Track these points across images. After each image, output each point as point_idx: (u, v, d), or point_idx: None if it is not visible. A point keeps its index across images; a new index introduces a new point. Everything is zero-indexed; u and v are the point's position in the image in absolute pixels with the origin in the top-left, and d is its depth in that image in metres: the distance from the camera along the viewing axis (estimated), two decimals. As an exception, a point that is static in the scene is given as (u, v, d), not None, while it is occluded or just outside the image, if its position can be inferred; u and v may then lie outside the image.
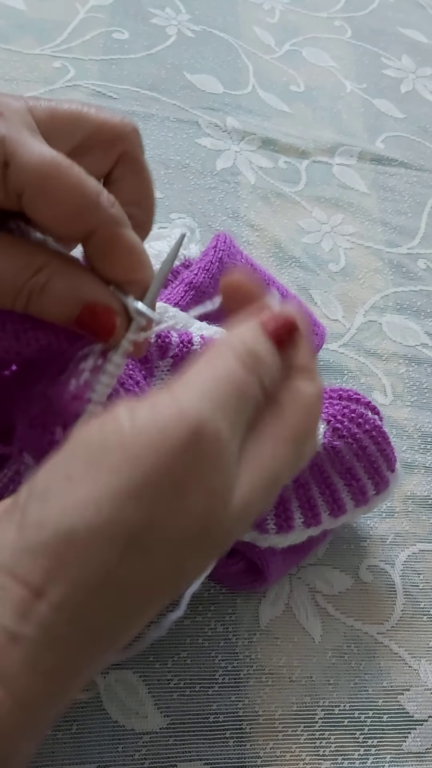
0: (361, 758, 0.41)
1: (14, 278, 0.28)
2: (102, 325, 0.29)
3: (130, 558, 0.22)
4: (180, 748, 0.39)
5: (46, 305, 0.28)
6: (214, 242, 0.47)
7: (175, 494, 0.23)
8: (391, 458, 0.43)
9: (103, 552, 0.22)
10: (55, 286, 0.28)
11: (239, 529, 0.25)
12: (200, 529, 0.23)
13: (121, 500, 0.22)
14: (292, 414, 0.26)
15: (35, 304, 0.28)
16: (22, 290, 0.28)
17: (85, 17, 0.72)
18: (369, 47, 0.81)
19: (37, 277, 0.28)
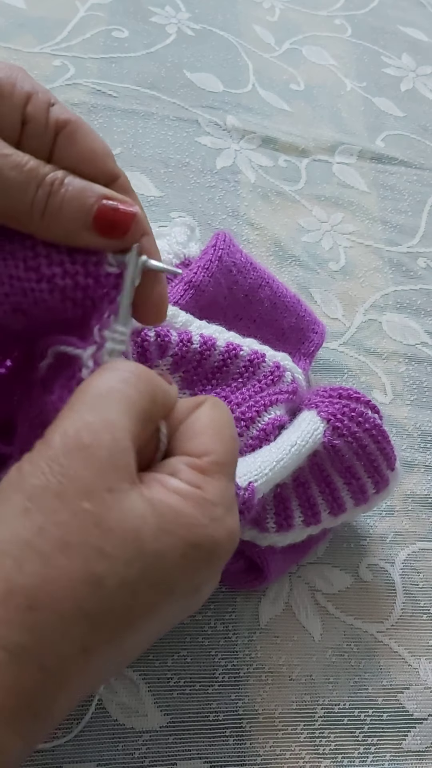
0: (361, 756, 0.41)
1: (36, 167, 0.28)
2: (122, 215, 0.29)
3: (30, 565, 0.23)
4: (180, 747, 0.39)
5: (66, 199, 0.28)
6: (213, 241, 0.47)
7: (57, 500, 0.24)
8: (391, 457, 0.43)
9: (3, 564, 0.23)
10: (73, 181, 0.29)
11: (175, 551, 0.25)
12: (96, 528, 0.24)
13: (10, 519, 0.24)
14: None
15: (55, 197, 0.28)
16: (44, 181, 0.28)
17: (85, 15, 0.71)
18: (369, 46, 0.81)
19: (55, 172, 0.29)
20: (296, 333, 0.50)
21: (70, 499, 0.24)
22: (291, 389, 0.43)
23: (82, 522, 0.24)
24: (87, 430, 0.25)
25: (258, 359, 0.42)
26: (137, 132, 0.64)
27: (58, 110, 0.29)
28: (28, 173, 0.28)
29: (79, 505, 0.24)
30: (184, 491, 0.26)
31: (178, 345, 0.41)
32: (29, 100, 0.29)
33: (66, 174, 0.29)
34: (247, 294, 0.48)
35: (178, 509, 0.26)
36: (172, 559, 0.25)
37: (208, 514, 0.26)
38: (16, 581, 0.23)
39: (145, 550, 0.24)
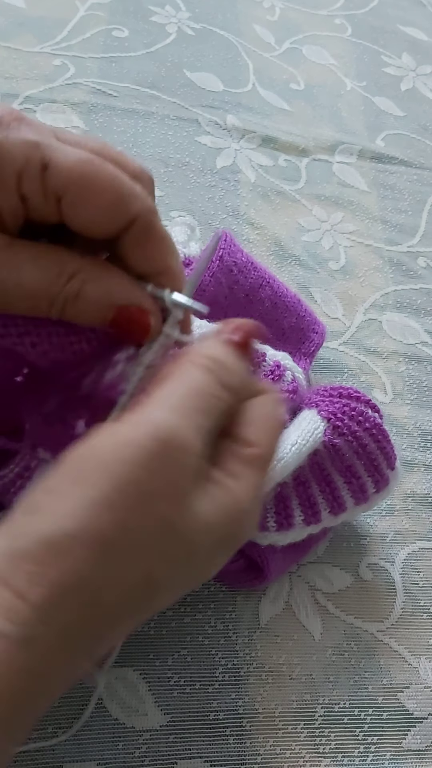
0: (361, 756, 0.41)
1: (48, 287, 0.28)
2: (137, 326, 0.29)
3: (104, 562, 0.24)
4: (180, 746, 0.39)
5: (81, 311, 0.29)
6: (214, 240, 0.47)
7: (143, 500, 0.25)
8: (391, 456, 0.43)
9: (79, 557, 0.23)
10: (88, 292, 0.29)
11: (211, 546, 0.26)
12: (164, 531, 0.25)
13: (94, 509, 0.24)
14: (259, 435, 0.29)
15: (70, 310, 0.29)
16: (57, 299, 0.28)
17: (85, 15, 0.71)
18: (369, 45, 0.81)
19: (71, 284, 0.28)
20: (296, 332, 0.50)
21: (154, 501, 0.25)
22: (291, 388, 0.43)
23: (158, 525, 0.25)
24: (189, 431, 0.26)
25: (258, 358, 0.42)
26: (137, 131, 0.64)
27: (55, 174, 0.27)
28: (39, 301, 0.28)
29: (156, 507, 0.25)
30: (238, 495, 0.27)
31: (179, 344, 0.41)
32: (21, 177, 0.27)
33: (83, 282, 0.28)
34: (248, 293, 0.48)
35: (228, 508, 0.27)
36: (210, 559, 0.27)
37: (242, 513, 0.27)
38: (89, 579, 0.24)
39: (196, 554, 0.26)
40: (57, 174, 0.27)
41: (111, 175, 0.28)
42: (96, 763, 0.37)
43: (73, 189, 0.27)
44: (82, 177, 0.27)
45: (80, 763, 0.37)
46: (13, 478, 0.33)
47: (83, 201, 0.28)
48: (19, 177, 0.27)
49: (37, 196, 0.28)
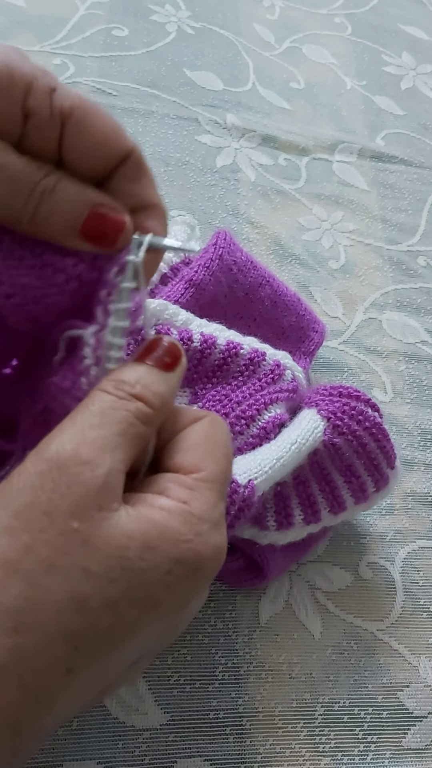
0: (361, 755, 0.41)
1: (30, 175, 0.28)
2: (111, 224, 0.29)
3: (15, 586, 0.23)
4: (180, 745, 0.39)
5: (56, 206, 0.28)
6: (213, 239, 0.47)
7: (44, 519, 0.24)
8: (391, 455, 0.43)
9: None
10: (65, 187, 0.28)
11: (162, 569, 0.25)
12: (83, 548, 0.24)
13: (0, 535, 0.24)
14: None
15: (45, 204, 0.28)
16: (34, 190, 0.28)
17: (85, 14, 0.71)
18: (369, 44, 0.80)
19: (48, 178, 0.28)
20: (296, 331, 0.50)
21: (58, 518, 0.24)
22: (291, 387, 0.43)
23: (69, 541, 0.24)
24: (87, 447, 0.25)
25: (258, 358, 0.42)
26: (137, 130, 0.64)
27: (62, 96, 0.28)
28: (19, 183, 0.27)
29: (68, 523, 0.24)
30: (169, 507, 0.26)
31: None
32: (29, 91, 0.27)
33: (59, 178, 0.28)
34: (248, 292, 0.48)
35: (163, 524, 0.26)
36: (156, 576, 0.25)
37: (194, 529, 0.26)
38: (1, 603, 0.23)
39: (129, 569, 0.24)
40: (65, 96, 0.28)
41: (108, 112, 0.29)
42: (96, 762, 0.38)
43: (79, 112, 0.28)
44: (85, 103, 0.28)
45: (80, 762, 0.37)
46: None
47: (88, 124, 0.28)
48: (27, 90, 0.27)
49: (43, 112, 0.27)
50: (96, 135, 0.28)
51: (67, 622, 0.23)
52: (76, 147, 0.28)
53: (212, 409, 0.40)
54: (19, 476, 0.25)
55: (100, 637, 0.24)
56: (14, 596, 0.23)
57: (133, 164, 0.30)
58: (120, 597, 0.24)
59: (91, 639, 0.24)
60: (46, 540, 0.24)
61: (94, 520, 0.24)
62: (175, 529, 0.26)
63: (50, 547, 0.24)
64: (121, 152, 0.29)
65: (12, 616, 0.23)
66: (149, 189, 0.31)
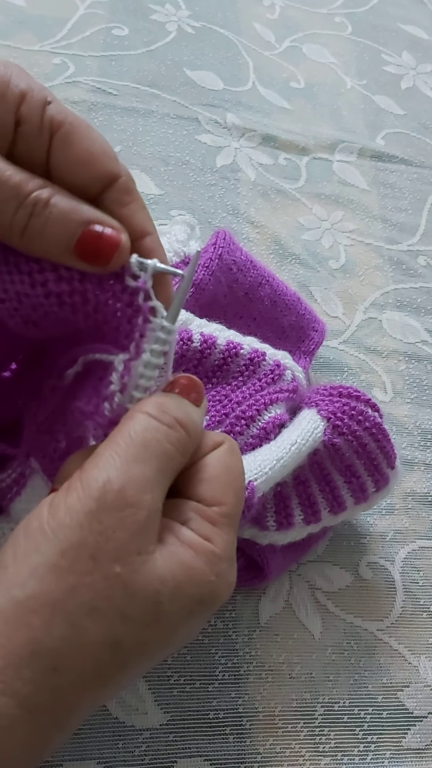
0: (361, 754, 0.41)
1: (21, 184, 0.27)
2: (106, 243, 0.28)
3: (58, 627, 0.24)
4: (180, 745, 0.39)
5: (49, 222, 0.27)
6: (213, 239, 0.47)
7: (90, 562, 0.24)
8: (391, 455, 0.43)
9: (30, 624, 0.23)
10: (59, 201, 0.27)
11: (182, 607, 0.26)
12: (124, 593, 0.24)
13: (41, 575, 0.24)
14: None
15: (37, 219, 0.27)
16: (27, 200, 0.27)
17: (85, 13, 0.71)
18: (369, 43, 0.80)
19: (41, 190, 0.27)
20: (296, 331, 0.50)
21: (103, 562, 0.24)
22: (291, 388, 0.43)
23: (111, 586, 0.24)
24: (132, 487, 0.25)
25: (258, 358, 0.42)
26: (137, 130, 0.64)
27: (55, 110, 0.28)
28: (8, 191, 0.27)
29: (112, 568, 0.24)
30: (196, 544, 0.27)
31: (179, 344, 0.41)
32: (23, 99, 0.27)
33: (53, 193, 0.27)
34: (248, 292, 0.48)
35: (191, 566, 0.26)
36: (180, 617, 0.26)
37: (216, 569, 0.27)
38: (44, 643, 0.23)
39: (161, 612, 0.25)
40: (58, 110, 0.28)
41: (101, 136, 0.29)
42: (96, 762, 0.38)
43: (69, 127, 0.28)
44: (77, 121, 0.28)
45: (80, 762, 0.37)
46: (10, 484, 0.33)
47: (75, 140, 0.28)
48: (21, 98, 0.27)
49: (33, 121, 0.27)
50: (82, 152, 0.28)
51: (101, 663, 0.24)
52: (61, 161, 0.28)
53: (212, 410, 0.40)
54: (67, 512, 0.25)
55: (127, 674, 0.25)
56: (56, 637, 0.23)
57: (120, 189, 0.29)
58: (150, 639, 0.25)
59: (119, 678, 0.25)
60: (90, 583, 0.24)
61: (134, 564, 0.25)
62: (200, 570, 0.26)
63: (93, 590, 0.24)
64: (107, 175, 0.29)
65: (53, 656, 0.23)
66: (139, 215, 0.30)
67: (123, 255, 0.28)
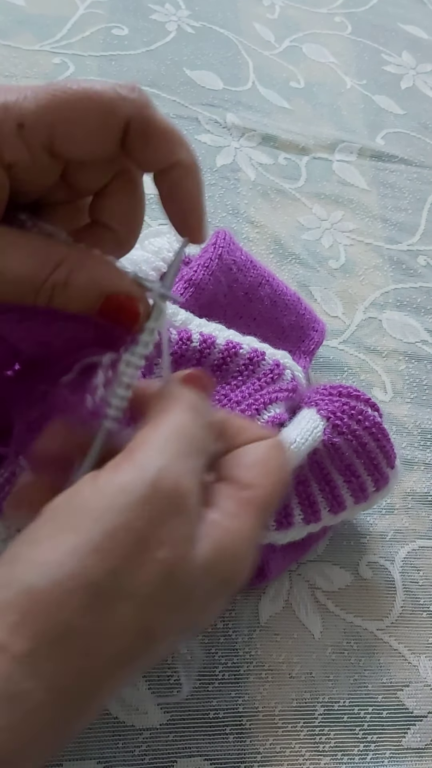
0: (361, 754, 0.41)
1: (34, 275, 0.27)
2: (126, 313, 0.29)
3: (93, 609, 0.23)
4: (180, 744, 0.39)
5: (70, 299, 0.28)
6: (213, 239, 0.47)
7: (137, 546, 0.23)
8: (391, 455, 0.43)
9: (66, 605, 0.22)
10: (77, 280, 0.28)
11: (208, 589, 0.25)
12: (164, 579, 0.24)
13: (82, 555, 0.23)
14: (258, 478, 0.28)
15: (59, 298, 0.28)
16: (44, 286, 0.27)
17: (85, 13, 0.71)
18: (369, 43, 0.80)
19: (58, 272, 0.28)
20: (296, 331, 0.50)
21: (148, 547, 0.24)
22: (291, 387, 0.43)
23: (152, 572, 0.24)
24: (186, 479, 0.25)
25: (258, 357, 0.42)
26: (137, 130, 0.64)
27: (32, 119, 0.27)
28: (25, 286, 0.27)
29: (155, 554, 0.24)
30: (222, 535, 0.26)
31: (178, 343, 0.41)
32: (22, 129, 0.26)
33: (70, 269, 0.28)
34: (247, 292, 0.48)
35: (221, 547, 0.26)
36: (208, 599, 0.26)
37: (238, 557, 0.26)
38: (77, 626, 0.22)
39: (194, 600, 0.25)
40: (36, 120, 0.26)
41: (86, 90, 0.27)
42: (96, 761, 0.38)
43: (67, 102, 0.26)
44: (59, 106, 0.27)
45: (80, 762, 0.37)
46: (2, 483, 0.33)
47: (76, 113, 0.27)
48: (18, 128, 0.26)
49: (26, 152, 0.27)
50: (80, 132, 0.27)
51: (132, 649, 0.24)
52: (71, 134, 0.27)
53: (212, 409, 0.40)
54: (119, 492, 0.24)
55: (151, 659, 0.25)
56: (90, 620, 0.23)
57: (137, 131, 0.28)
58: (177, 623, 0.25)
59: (144, 663, 0.25)
60: (132, 569, 0.23)
61: (177, 550, 0.24)
62: (229, 550, 0.26)
63: (134, 576, 0.23)
64: (117, 128, 0.27)
65: (86, 640, 0.23)
66: (166, 147, 0.29)
67: (143, 321, 0.29)
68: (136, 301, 0.29)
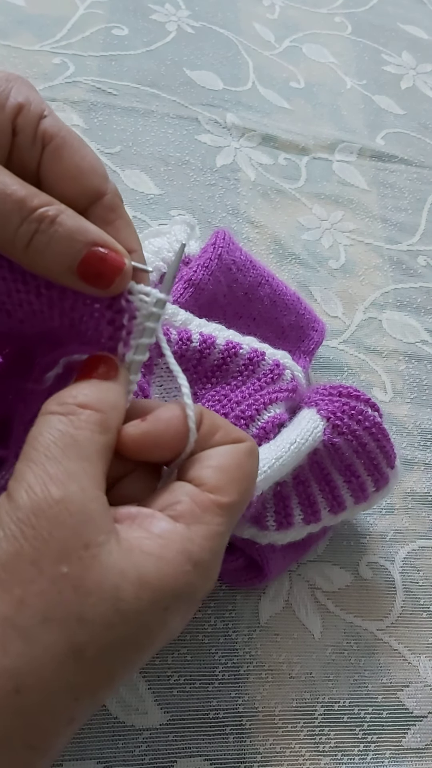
0: (361, 754, 0.41)
1: (25, 198, 0.26)
2: (110, 266, 0.27)
3: (10, 643, 0.22)
4: (180, 744, 0.39)
5: (54, 240, 0.27)
6: (212, 239, 0.47)
7: (32, 570, 0.23)
8: (391, 455, 0.43)
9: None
10: (66, 222, 0.27)
11: (145, 601, 0.24)
12: (71, 592, 0.23)
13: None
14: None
15: (41, 238, 0.27)
16: (30, 216, 0.26)
17: (85, 13, 0.71)
18: (369, 43, 0.80)
19: (48, 207, 0.27)
20: (296, 331, 0.50)
21: (46, 565, 0.23)
22: (291, 387, 0.43)
23: (61, 589, 0.23)
24: (54, 485, 0.24)
25: (257, 357, 0.42)
26: (137, 130, 0.64)
27: (49, 122, 0.28)
28: (13, 204, 0.26)
29: (57, 569, 0.23)
30: (168, 532, 0.25)
31: (178, 343, 0.41)
32: (20, 111, 0.28)
33: (60, 211, 0.27)
34: (247, 292, 0.48)
35: (160, 556, 0.24)
36: (152, 615, 0.24)
37: (194, 558, 0.25)
38: (1, 664, 0.22)
39: (125, 610, 0.24)
40: (52, 123, 0.28)
41: (93, 152, 0.29)
42: (96, 761, 0.38)
43: (60, 140, 0.28)
44: (70, 135, 0.29)
45: (80, 762, 0.37)
46: (4, 485, 0.33)
47: (64, 153, 0.28)
48: (18, 110, 0.28)
49: (28, 131, 0.28)
50: (69, 166, 0.28)
51: (67, 675, 0.23)
52: (51, 174, 0.28)
53: (212, 410, 0.40)
54: (5, 520, 0.24)
55: (99, 682, 0.24)
56: (14, 655, 0.22)
57: (105, 206, 0.29)
58: (117, 641, 0.24)
59: (91, 687, 0.24)
60: (38, 592, 0.23)
61: (83, 560, 0.23)
62: (172, 561, 0.25)
63: (43, 598, 0.23)
64: (93, 191, 0.29)
65: (12, 677, 0.22)
66: (123, 232, 0.29)
67: (125, 279, 0.28)
68: (121, 254, 0.28)
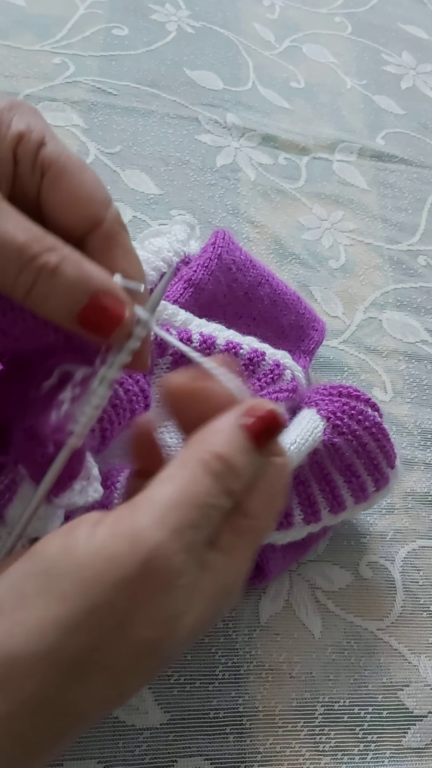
0: (361, 754, 0.41)
1: (25, 247, 0.26)
2: (110, 316, 0.27)
3: (70, 683, 0.23)
4: (180, 744, 0.39)
5: (53, 290, 0.26)
6: (212, 239, 0.47)
7: (119, 624, 0.23)
8: (391, 455, 0.43)
9: (44, 677, 0.23)
10: (66, 270, 0.26)
11: (187, 646, 0.25)
12: (145, 657, 0.24)
13: (65, 630, 0.23)
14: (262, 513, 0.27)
15: (42, 286, 0.26)
16: (30, 264, 0.26)
17: (85, 13, 0.71)
18: (369, 43, 0.80)
19: (49, 255, 0.26)
20: (296, 330, 0.50)
21: (131, 626, 0.24)
22: (291, 387, 0.43)
23: (133, 649, 0.24)
24: (170, 550, 0.24)
25: (258, 357, 0.42)
26: (137, 130, 0.64)
27: (49, 150, 0.28)
28: (12, 252, 0.26)
29: (138, 633, 0.24)
30: (218, 570, 0.25)
31: (178, 343, 0.41)
32: (21, 140, 0.27)
33: (61, 258, 0.26)
34: (247, 292, 0.48)
35: (214, 593, 0.25)
36: (187, 640, 0.25)
37: (228, 588, 0.26)
38: (54, 696, 0.23)
39: (174, 655, 0.25)
40: (51, 150, 0.28)
41: (95, 176, 0.29)
42: (96, 761, 0.38)
43: (58, 167, 0.28)
44: (69, 161, 0.28)
45: (81, 761, 0.37)
46: (3, 490, 0.33)
47: (63, 180, 0.28)
48: (19, 138, 0.27)
49: (27, 160, 0.28)
50: (67, 195, 0.28)
51: (101, 711, 0.25)
52: (49, 203, 0.28)
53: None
54: (108, 564, 0.23)
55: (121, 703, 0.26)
56: (64, 692, 0.23)
57: (103, 234, 0.28)
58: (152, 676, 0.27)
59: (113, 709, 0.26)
60: (111, 646, 0.23)
61: (163, 632, 0.24)
62: (225, 600, 0.26)
63: (113, 652, 0.23)
64: (91, 219, 0.28)
65: (58, 709, 0.23)
66: (120, 262, 0.29)
67: (125, 329, 0.27)
68: (123, 304, 0.27)
